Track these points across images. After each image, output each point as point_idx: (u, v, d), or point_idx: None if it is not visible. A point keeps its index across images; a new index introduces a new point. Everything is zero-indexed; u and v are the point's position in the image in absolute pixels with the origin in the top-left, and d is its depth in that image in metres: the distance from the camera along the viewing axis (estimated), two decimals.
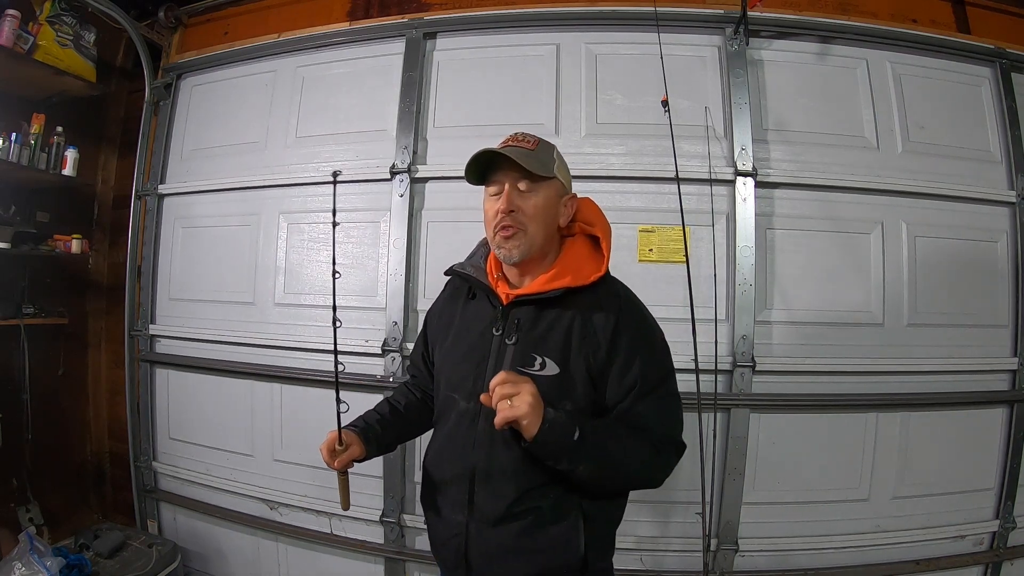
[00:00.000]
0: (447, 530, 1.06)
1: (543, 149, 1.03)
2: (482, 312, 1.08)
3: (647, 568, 1.79)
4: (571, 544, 0.99)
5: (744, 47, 1.86)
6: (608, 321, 0.99)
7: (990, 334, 1.87)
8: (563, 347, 0.99)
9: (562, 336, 0.99)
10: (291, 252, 2.07)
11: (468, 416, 1.02)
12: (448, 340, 1.12)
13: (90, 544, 1.96)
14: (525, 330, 1.01)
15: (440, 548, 1.10)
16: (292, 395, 2.03)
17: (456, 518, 1.03)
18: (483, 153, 1.00)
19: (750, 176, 1.78)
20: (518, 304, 1.03)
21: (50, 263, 2.33)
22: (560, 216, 1.05)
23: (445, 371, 1.10)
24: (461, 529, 1.03)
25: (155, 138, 2.33)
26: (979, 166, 1.91)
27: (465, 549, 1.02)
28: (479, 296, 1.10)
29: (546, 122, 1.91)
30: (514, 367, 0.98)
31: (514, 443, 0.96)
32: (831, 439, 1.80)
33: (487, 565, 1.02)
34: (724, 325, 1.77)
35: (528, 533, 0.99)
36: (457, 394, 1.05)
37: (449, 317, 1.14)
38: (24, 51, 2.03)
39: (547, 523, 0.99)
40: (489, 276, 1.09)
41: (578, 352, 0.98)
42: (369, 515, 1.90)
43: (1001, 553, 1.84)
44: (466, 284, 1.14)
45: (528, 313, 1.02)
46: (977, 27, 2.00)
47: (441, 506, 1.07)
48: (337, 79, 2.10)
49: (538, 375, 0.96)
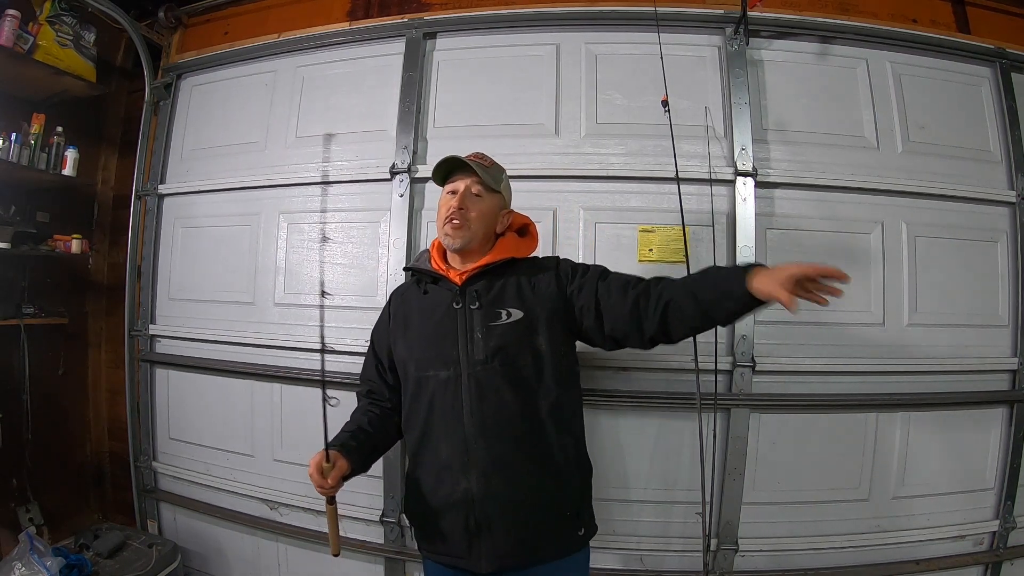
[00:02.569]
0: (452, 510, 1.15)
1: (496, 168, 1.29)
2: (439, 298, 1.25)
3: (647, 568, 1.79)
4: (573, 476, 1.19)
5: (744, 47, 1.86)
6: (549, 271, 1.25)
7: (990, 334, 1.86)
8: (518, 297, 1.20)
9: (515, 290, 1.21)
10: (291, 252, 2.07)
11: (450, 383, 1.17)
12: (410, 331, 1.27)
13: (90, 544, 1.96)
14: (483, 295, 1.21)
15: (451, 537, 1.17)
16: (292, 395, 2.02)
17: (459, 488, 1.15)
18: (450, 159, 1.25)
19: (750, 176, 1.78)
20: (471, 281, 1.22)
21: (50, 263, 2.33)
22: (497, 224, 1.28)
23: (414, 355, 1.24)
24: (465, 493, 1.14)
25: (155, 138, 2.33)
26: (979, 166, 1.90)
27: (473, 512, 1.13)
28: (431, 289, 1.28)
29: (546, 122, 1.90)
30: (484, 324, 1.18)
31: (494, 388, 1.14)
32: (831, 439, 1.79)
33: (499, 519, 1.13)
34: None
35: (534, 471, 1.14)
36: (432, 369, 1.20)
37: (403, 316, 1.31)
38: (24, 51, 2.03)
39: (550, 455, 1.16)
40: (439, 269, 1.28)
41: (532, 296, 1.20)
42: (369, 515, 1.90)
43: (1001, 553, 1.84)
44: (410, 285, 1.36)
45: (482, 285, 1.22)
46: (977, 27, 2.00)
47: (439, 483, 1.18)
48: (337, 79, 2.10)
49: (506, 323, 1.18)
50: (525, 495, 1.14)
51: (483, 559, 1.14)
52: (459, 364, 1.17)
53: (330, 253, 2.02)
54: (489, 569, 1.14)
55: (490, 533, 1.13)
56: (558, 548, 1.18)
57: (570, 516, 1.19)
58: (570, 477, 1.20)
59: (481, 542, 1.14)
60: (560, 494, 1.18)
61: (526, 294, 1.21)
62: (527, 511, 1.15)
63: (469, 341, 1.18)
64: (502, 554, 1.14)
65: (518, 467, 1.14)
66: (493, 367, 1.16)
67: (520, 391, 1.16)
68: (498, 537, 1.14)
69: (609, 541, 1.78)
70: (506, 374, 1.15)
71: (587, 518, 1.25)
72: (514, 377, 1.16)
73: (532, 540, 1.15)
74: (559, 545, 1.18)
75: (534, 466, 1.15)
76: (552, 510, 1.17)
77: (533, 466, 1.15)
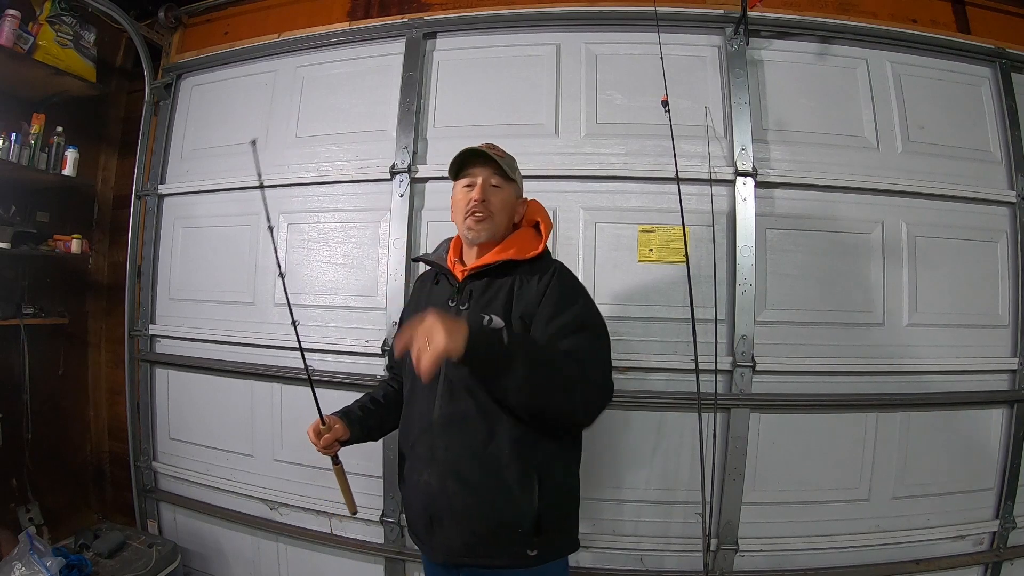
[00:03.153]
0: (415, 495, 1.18)
1: (509, 158, 1.27)
2: (442, 291, 1.27)
3: (647, 568, 1.79)
4: (525, 499, 1.10)
5: (744, 47, 1.86)
6: (541, 282, 1.17)
7: (990, 334, 1.86)
8: (505, 305, 1.16)
9: (504, 296, 1.17)
10: (291, 252, 2.07)
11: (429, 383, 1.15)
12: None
13: (90, 544, 1.96)
14: (476, 298, 1.19)
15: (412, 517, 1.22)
16: (292, 395, 2.02)
17: (422, 478, 1.16)
18: (467, 150, 1.22)
19: (750, 176, 1.78)
20: (472, 279, 1.21)
21: (50, 263, 2.33)
22: (515, 213, 1.27)
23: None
24: (426, 488, 1.15)
25: (155, 138, 2.33)
26: (979, 166, 1.90)
27: (431, 504, 1.14)
28: (440, 281, 1.30)
29: (546, 122, 1.90)
30: None
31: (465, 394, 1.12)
32: (831, 439, 1.79)
33: (450, 518, 1.13)
34: (724, 325, 1.76)
35: (486, 484, 1.11)
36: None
37: (417, 303, 1.33)
38: (24, 51, 2.03)
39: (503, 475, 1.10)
40: (448, 262, 1.28)
41: (516, 306, 1.16)
42: (369, 515, 1.90)
43: (1001, 553, 1.84)
44: (431, 273, 1.34)
45: (480, 285, 1.20)
46: (977, 27, 2.00)
47: (409, 473, 1.20)
48: (337, 79, 2.10)
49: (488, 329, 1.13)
50: (475, 503, 1.11)
51: (437, 550, 1.17)
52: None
53: (330, 253, 2.02)
54: (441, 560, 1.18)
55: (442, 528, 1.14)
56: (507, 560, 1.13)
57: (524, 532, 1.10)
58: (524, 495, 1.10)
59: (435, 534, 1.16)
60: (510, 510, 1.10)
61: (513, 301, 1.17)
62: (476, 518, 1.11)
63: None
64: (450, 551, 1.15)
65: (471, 477, 1.11)
66: (463, 372, 1.09)
67: (484, 401, 1.11)
68: (449, 533, 1.14)
69: (609, 541, 1.78)
70: (474, 382, 1.10)
71: (548, 539, 1.13)
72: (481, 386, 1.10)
73: (480, 546, 1.12)
74: (508, 557, 1.12)
75: (487, 478, 1.10)
76: (501, 524, 1.11)
77: (486, 478, 1.10)
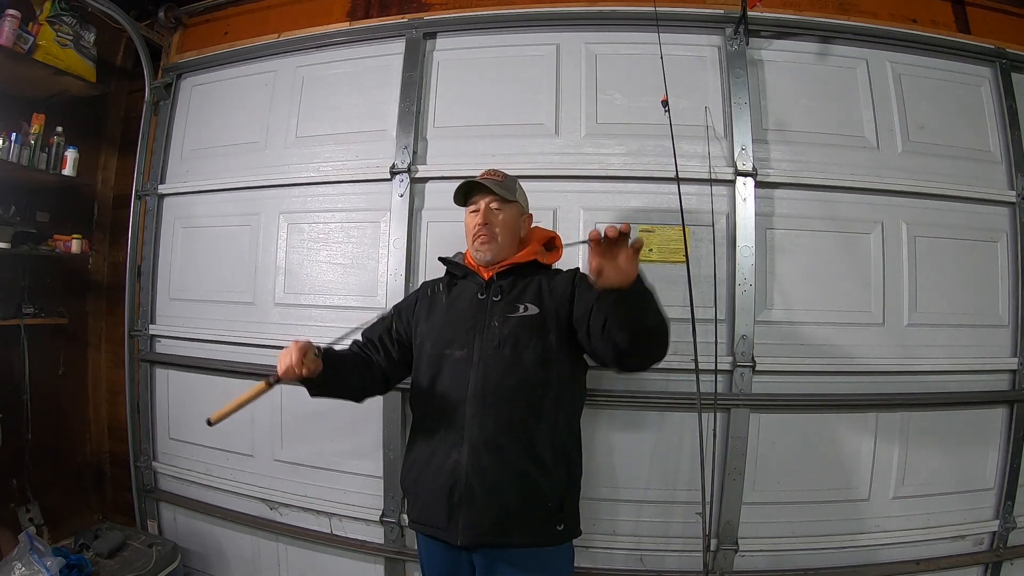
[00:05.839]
0: (437, 478, 1.22)
1: (509, 180, 1.41)
2: (468, 289, 1.37)
3: (647, 568, 1.79)
4: (558, 473, 1.22)
5: (744, 47, 1.86)
6: (567, 278, 1.34)
7: (990, 334, 1.86)
8: (537, 296, 1.31)
9: (535, 290, 1.32)
10: (291, 252, 2.07)
11: (461, 363, 1.27)
12: (434, 314, 1.38)
13: (90, 544, 1.96)
14: (507, 291, 1.33)
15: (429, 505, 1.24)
16: (292, 395, 2.02)
17: (449, 459, 1.22)
18: (467, 182, 1.38)
19: (750, 176, 1.78)
20: (498, 278, 1.35)
21: (50, 263, 2.33)
22: (520, 229, 1.42)
23: (433, 333, 1.34)
24: (455, 465, 1.20)
25: (155, 138, 2.33)
26: (979, 166, 1.90)
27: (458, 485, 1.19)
28: (460, 283, 1.40)
29: (546, 122, 1.90)
30: (502, 315, 1.28)
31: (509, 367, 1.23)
32: (831, 439, 1.79)
33: (482, 494, 1.18)
34: (724, 325, 1.77)
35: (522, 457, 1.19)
36: (448, 348, 1.30)
37: (430, 302, 1.41)
38: (24, 51, 2.04)
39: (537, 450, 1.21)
40: (470, 266, 1.41)
41: (549, 297, 1.30)
42: (369, 515, 1.90)
43: (1001, 553, 1.84)
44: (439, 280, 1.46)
45: (507, 282, 1.34)
46: (977, 27, 2.00)
47: (433, 454, 1.25)
48: (337, 79, 2.10)
49: (521, 316, 1.28)
50: (509, 477, 1.19)
51: (459, 532, 1.19)
52: (473, 347, 1.27)
53: (330, 253, 2.02)
54: (463, 542, 1.19)
55: (470, 508, 1.19)
56: (533, 536, 1.21)
57: (551, 508, 1.21)
58: (556, 470, 1.22)
59: (460, 515, 1.19)
60: (544, 484, 1.20)
61: (544, 294, 1.31)
62: (508, 493, 1.18)
63: (486, 327, 1.28)
64: (477, 530, 1.19)
65: (507, 450, 1.20)
66: (503, 354, 1.24)
67: (523, 380, 1.23)
68: (476, 512, 1.19)
69: (609, 541, 1.78)
70: (513, 362, 1.23)
71: (569, 516, 1.27)
72: (520, 366, 1.23)
73: (509, 522, 1.19)
74: (535, 533, 1.21)
75: (523, 452, 1.20)
76: (533, 498, 1.20)
77: (522, 452, 1.20)
